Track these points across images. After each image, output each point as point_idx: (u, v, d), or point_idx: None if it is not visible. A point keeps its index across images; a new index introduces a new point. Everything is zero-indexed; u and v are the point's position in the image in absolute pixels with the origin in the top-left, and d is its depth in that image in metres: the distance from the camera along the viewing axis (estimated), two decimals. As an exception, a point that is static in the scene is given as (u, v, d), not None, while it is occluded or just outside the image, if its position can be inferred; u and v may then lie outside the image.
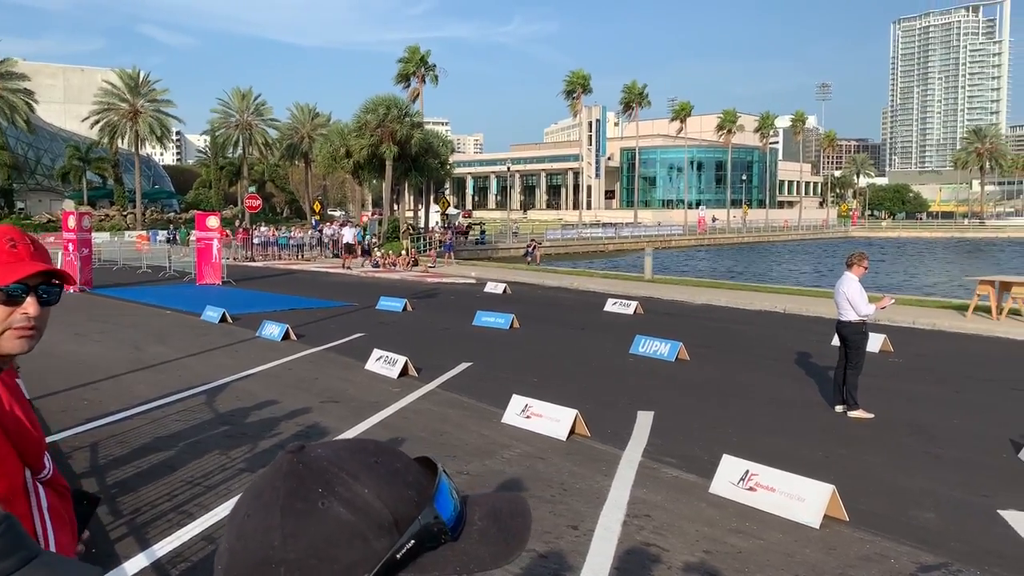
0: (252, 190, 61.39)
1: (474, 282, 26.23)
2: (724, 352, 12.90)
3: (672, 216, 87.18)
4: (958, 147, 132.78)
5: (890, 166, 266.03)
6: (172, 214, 69.22)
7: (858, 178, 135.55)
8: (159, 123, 64.30)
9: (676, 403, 9.34)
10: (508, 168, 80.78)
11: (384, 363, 10.80)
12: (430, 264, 34.08)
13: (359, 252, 35.54)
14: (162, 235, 53.41)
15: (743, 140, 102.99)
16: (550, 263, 42.97)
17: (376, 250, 36.86)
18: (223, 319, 15.91)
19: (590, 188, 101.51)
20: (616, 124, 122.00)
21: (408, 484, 0.72)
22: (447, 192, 68.68)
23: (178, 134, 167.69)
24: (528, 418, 8.05)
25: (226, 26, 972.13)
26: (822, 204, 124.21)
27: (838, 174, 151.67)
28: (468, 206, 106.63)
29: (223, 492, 6.05)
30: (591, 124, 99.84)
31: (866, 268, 9.08)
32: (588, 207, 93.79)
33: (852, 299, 8.79)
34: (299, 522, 0.69)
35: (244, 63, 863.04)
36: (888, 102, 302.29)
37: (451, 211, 53.30)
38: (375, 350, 11.24)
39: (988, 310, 15.98)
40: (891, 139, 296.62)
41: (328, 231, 42.42)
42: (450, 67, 60.31)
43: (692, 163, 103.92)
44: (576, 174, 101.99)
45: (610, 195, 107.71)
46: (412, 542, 0.69)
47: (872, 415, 8.62)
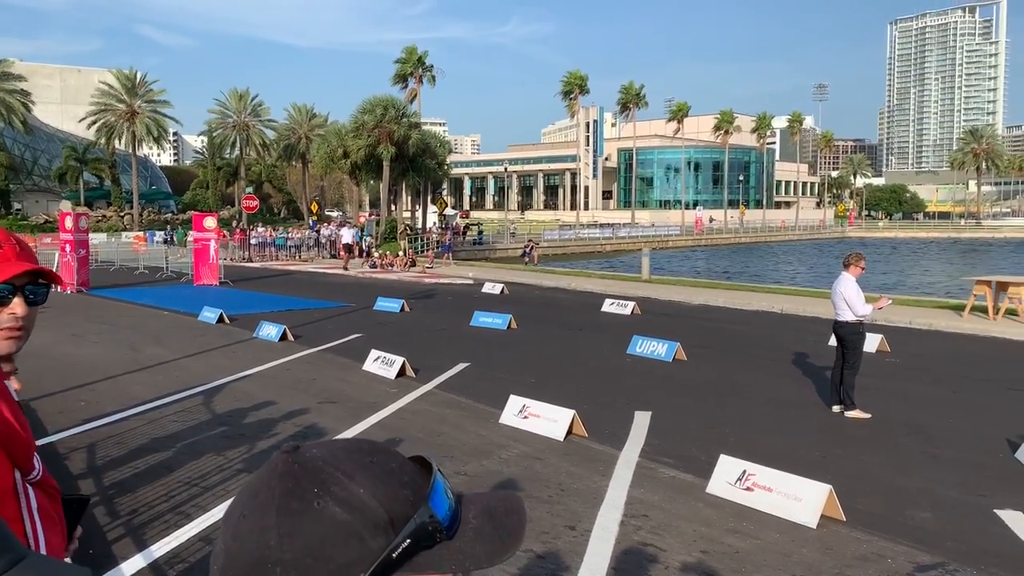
0: (249, 191, 61.32)
1: (472, 282, 26.23)
2: (721, 352, 12.91)
3: (669, 216, 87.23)
4: (955, 147, 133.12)
5: (887, 166, 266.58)
6: (169, 215, 69.16)
7: (855, 178, 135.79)
8: (156, 124, 64.29)
9: (673, 403, 9.34)
10: (506, 169, 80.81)
11: (382, 364, 10.81)
12: (428, 264, 34.08)
13: (356, 252, 35.52)
14: (159, 236, 53.34)
15: (740, 141, 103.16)
16: (548, 263, 42.99)
17: (374, 251, 36.85)
18: (220, 320, 15.90)
19: (587, 189, 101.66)
20: (613, 125, 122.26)
21: (403, 483, 0.73)
22: (444, 193, 68.58)
23: (175, 135, 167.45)
24: (526, 418, 8.05)
25: (223, 27, 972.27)
26: (819, 204, 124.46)
27: (835, 174, 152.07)
28: (465, 207, 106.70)
29: (220, 493, 6.05)
30: (588, 125, 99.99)
31: (863, 268, 9.10)
32: (585, 207, 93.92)
33: (849, 299, 8.80)
34: (295, 522, 0.68)
35: (241, 64, 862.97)
36: (885, 103, 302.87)
37: (448, 212, 53.27)
38: (373, 351, 11.24)
39: (985, 310, 16.00)
40: (888, 139, 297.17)
41: (325, 231, 42.41)
42: (447, 68, 60.42)
43: (689, 164, 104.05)
44: (573, 175, 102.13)
45: (607, 195, 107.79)
46: (408, 541, 0.69)
47: (869, 415, 8.63)
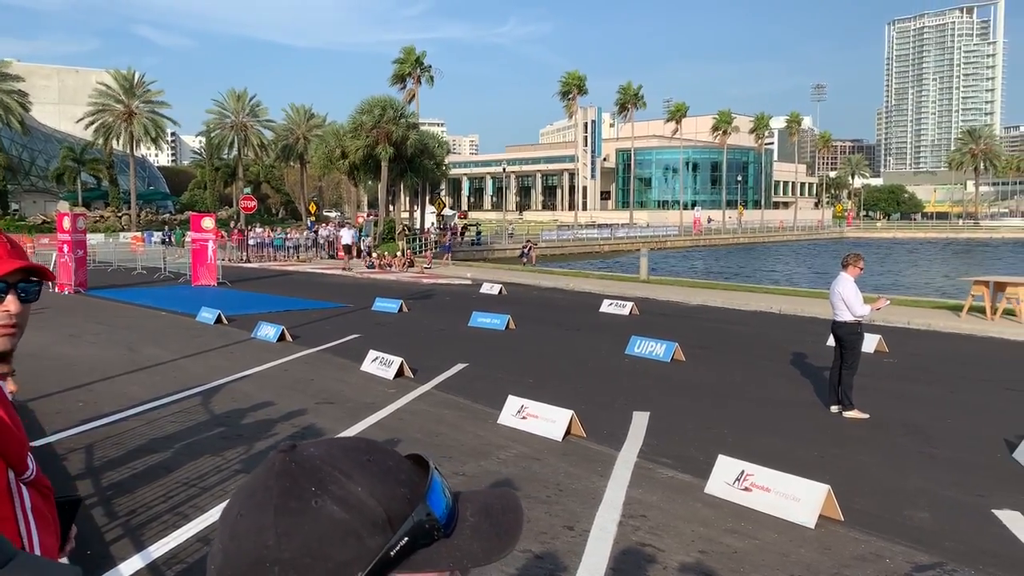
0: (247, 191, 61.44)
1: (470, 283, 26.22)
2: (719, 353, 12.91)
3: (667, 217, 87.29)
4: (952, 148, 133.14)
5: (885, 167, 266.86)
6: (167, 215, 69.11)
7: (853, 179, 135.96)
8: (154, 124, 64.21)
9: (672, 403, 9.35)
10: (504, 169, 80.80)
11: (380, 364, 10.80)
12: (426, 265, 34.07)
13: (355, 253, 35.49)
14: (157, 236, 53.38)
15: (738, 141, 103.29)
16: (546, 264, 43.00)
17: (373, 251, 36.83)
18: (218, 320, 15.89)
19: (586, 189, 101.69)
20: (612, 125, 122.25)
21: (401, 482, 0.73)
22: (443, 193, 68.57)
23: (173, 135, 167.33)
24: (524, 419, 8.05)
25: (221, 27, 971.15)
26: (817, 205, 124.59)
27: (833, 175, 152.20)
28: (464, 207, 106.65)
29: (219, 494, 6.04)
30: (587, 125, 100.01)
31: (862, 269, 9.10)
32: (584, 208, 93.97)
33: (848, 300, 8.81)
34: (293, 521, 0.68)
35: (239, 64, 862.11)
36: (883, 103, 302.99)
37: (447, 212, 53.26)
38: (371, 351, 11.23)
39: (983, 310, 16.02)
40: (886, 140, 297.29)
41: (323, 232, 42.40)
42: (446, 68, 60.46)
43: (687, 164, 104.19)
44: (572, 175, 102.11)
45: (606, 196, 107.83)
46: (406, 539, 0.69)
47: (867, 415, 8.64)
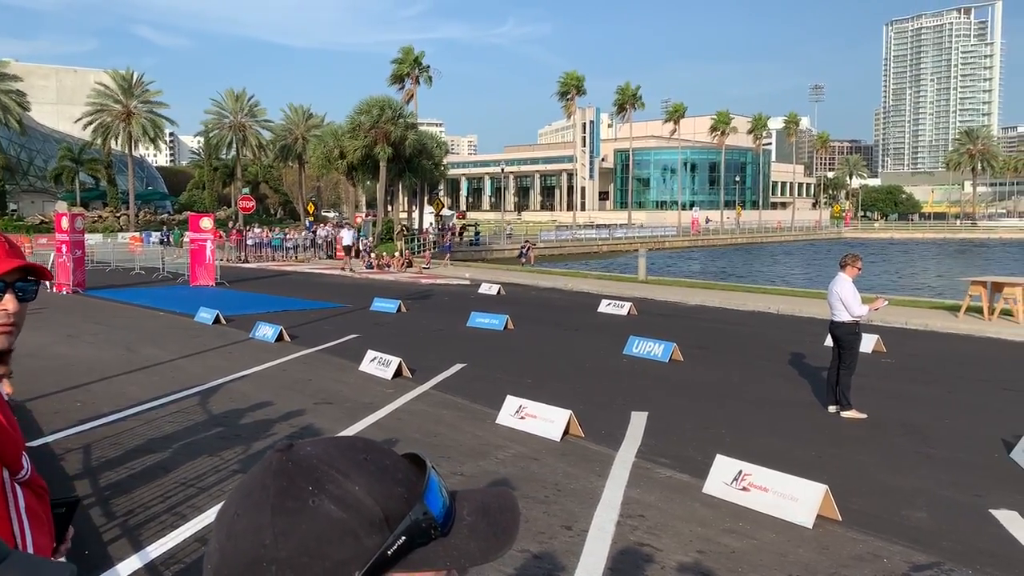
0: (246, 191, 61.33)
1: (468, 283, 26.22)
2: (718, 353, 12.92)
3: (665, 217, 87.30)
4: (950, 148, 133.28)
5: (883, 167, 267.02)
6: (165, 215, 68.97)
7: (851, 179, 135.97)
8: (152, 124, 64.15)
9: (670, 403, 9.35)
10: (502, 169, 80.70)
11: (378, 364, 10.80)
12: (424, 265, 34.07)
13: (355, 253, 35.44)
14: (155, 236, 53.29)
15: (736, 141, 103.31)
16: (544, 264, 43.01)
17: (371, 251, 36.80)
18: (217, 320, 15.88)
19: (584, 189, 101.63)
20: (610, 126, 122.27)
21: (398, 481, 0.73)
22: (441, 193, 68.55)
23: (171, 135, 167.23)
24: (522, 419, 8.05)
25: (220, 27, 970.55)
26: (815, 205, 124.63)
27: (831, 175, 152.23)
28: (462, 207, 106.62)
29: (217, 493, 6.04)
30: (585, 125, 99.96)
31: (860, 269, 9.10)
32: (582, 208, 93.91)
33: (845, 300, 8.82)
34: (290, 520, 0.68)
35: (238, 64, 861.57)
36: (881, 104, 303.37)
37: (445, 212, 53.23)
38: (369, 351, 11.23)
39: (980, 311, 16.03)
40: (884, 140, 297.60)
41: (322, 232, 42.36)
42: (444, 68, 60.57)
43: (686, 164, 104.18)
44: (570, 175, 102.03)
45: (604, 196, 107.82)
46: (403, 538, 0.69)
47: (865, 415, 8.65)
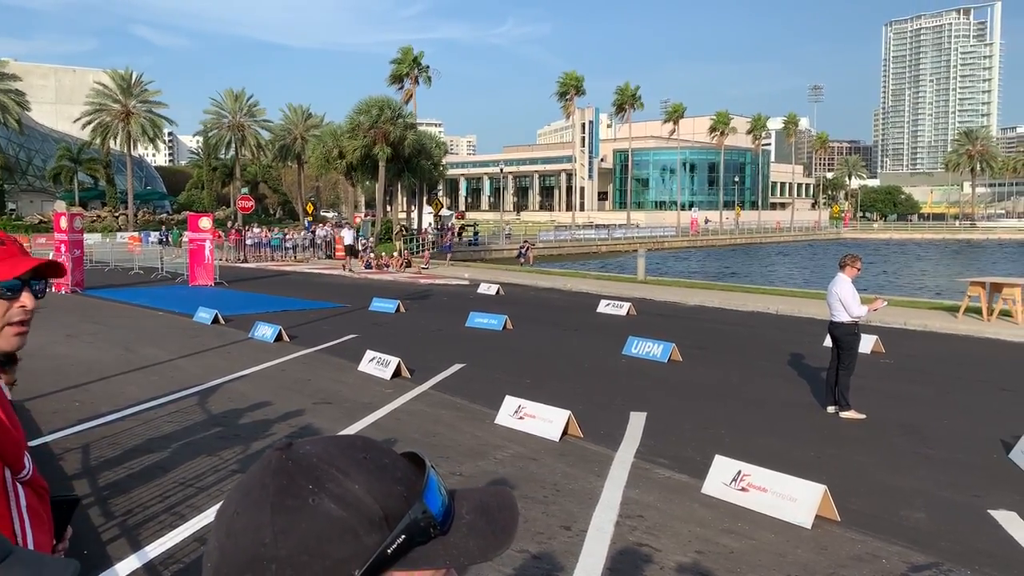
0: (245, 191, 61.36)
1: (467, 283, 26.21)
2: (717, 353, 12.93)
3: (665, 218, 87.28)
4: (949, 149, 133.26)
5: (882, 168, 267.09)
6: (164, 215, 68.92)
7: (850, 180, 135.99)
8: (151, 124, 64.07)
9: (669, 404, 9.36)
10: (501, 169, 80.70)
11: (377, 364, 10.80)
12: (423, 265, 34.07)
13: (355, 253, 35.42)
14: (154, 236, 53.23)
15: (735, 142, 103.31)
16: (543, 264, 43.03)
17: (370, 251, 36.79)
18: (215, 320, 15.87)
19: (583, 190, 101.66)
20: (609, 126, 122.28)
21: (397, 479, 0.73)
22: (440, 193, 68.55)
23: (170, 135, 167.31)
24: (521, 419, 8.05)
25: (219, 27, 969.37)
26: (814, 206, 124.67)
27: (830, 176, 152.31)
28: (461, 207, 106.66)
29: (215, 493, 6.04)
30: (584, 126, 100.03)
31: (859, 270, 9.11)
32: (581, 208, 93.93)
33: (844, 300, 8.82)
34: (289, 519, 0.68)
35: (237, 64, 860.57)
36: (880, 104, 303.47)
37: (444, 212, 53.22)
38: (368, 351, 11.23)
39: (979, 311, 16.03)
40: (883, 141, 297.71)
41: (321, 232, 42.33)
42: (443, 69, 60.61)
43: (685, 165, 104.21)
44: (569, 175, 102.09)
45: (603, 197, 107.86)
46: (403, 537, 0.70)
47: (864, 416, 8.65)
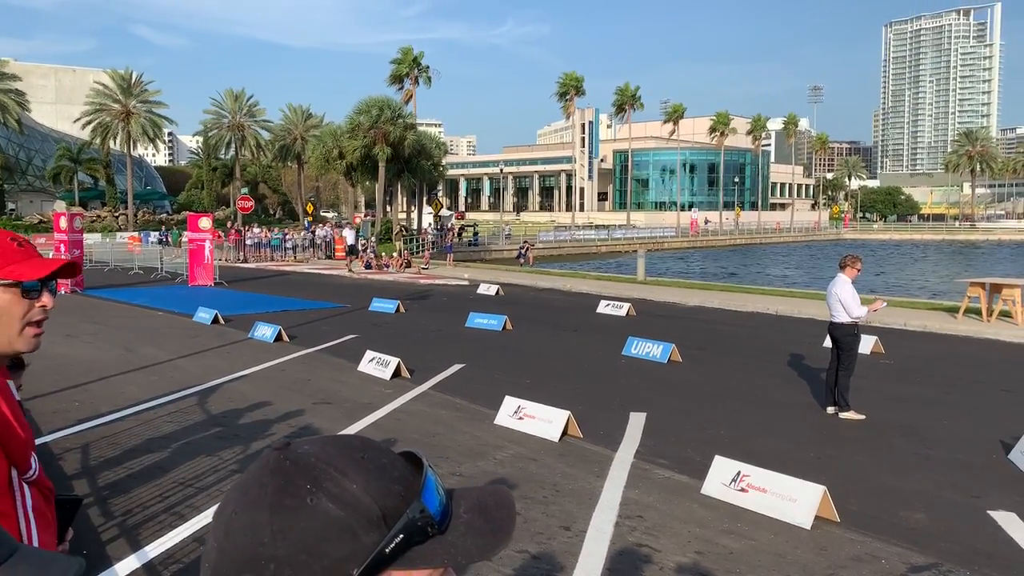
0: (244, 191, 61.27)
1: (467, 284, 26.22)
2: (716, 354, 12.93)
3: (664, 218, 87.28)
4: (949, 150, 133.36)
5: (882, 168, 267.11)
6: (164, 215, 68.94)
7: (850, 180, 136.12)
8: (151, 124, 64.05)
9: (668, 404, 9.36)
10: (501, 170, 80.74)
11: (377, 364, 10.80)
12: (423, 266, 34.07)
13: (356, 253, 35.40)
14: (154, 236, 53.23)
15: (735, 142, 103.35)
16: (543, 265, 43.01)
17: (369, 251, 36.78)
18: (215, 320, 15.87)
19: (583, 190, 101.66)
20: (609, 126, 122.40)
21: (395, 479, 0.73)
22: (440, 194, 68.58)
23: (170, 135, 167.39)
24: (521, 419, 8.05)
25: (218, 27, 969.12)
26: (814, 206, 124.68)
27: (830, 176, 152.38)
28: (461, 208, 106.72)
29: (215, 493, 6.04)
30: (584, 126, 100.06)
31: (859, 270, 9.11)
32: (581, 209, 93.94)
33: (844, 301, 8.83)
34: (288, 518, 0.69)
35: (237, 64, 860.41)
36: (880, 105, 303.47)
37: (444, 212, 53.24)
38: (368, 351, 11.23)
39: (979, 312, 16.04)
40: (882, 142, 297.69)
41: (320, 232, 42.32)
42: (443, 69, 60.68)
43: (685, 165, 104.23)
44: (569, 176, 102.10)
45: (603, 197, 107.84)
46: (401, 536, 0.70)
47: (863, 416, 8.65)
